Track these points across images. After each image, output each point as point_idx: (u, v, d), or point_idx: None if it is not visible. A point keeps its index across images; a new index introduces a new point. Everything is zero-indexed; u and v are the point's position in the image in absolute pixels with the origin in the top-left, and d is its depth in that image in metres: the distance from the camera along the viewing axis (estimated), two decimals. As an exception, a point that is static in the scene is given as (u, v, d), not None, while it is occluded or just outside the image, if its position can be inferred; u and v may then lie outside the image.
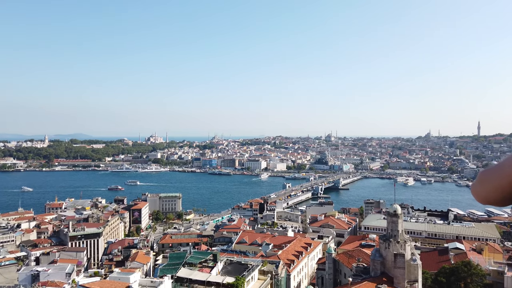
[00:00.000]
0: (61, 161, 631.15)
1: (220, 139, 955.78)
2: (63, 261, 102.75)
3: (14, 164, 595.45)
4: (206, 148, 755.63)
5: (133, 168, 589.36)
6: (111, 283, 57.14)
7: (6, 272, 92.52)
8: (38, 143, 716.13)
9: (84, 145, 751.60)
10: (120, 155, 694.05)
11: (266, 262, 79.47)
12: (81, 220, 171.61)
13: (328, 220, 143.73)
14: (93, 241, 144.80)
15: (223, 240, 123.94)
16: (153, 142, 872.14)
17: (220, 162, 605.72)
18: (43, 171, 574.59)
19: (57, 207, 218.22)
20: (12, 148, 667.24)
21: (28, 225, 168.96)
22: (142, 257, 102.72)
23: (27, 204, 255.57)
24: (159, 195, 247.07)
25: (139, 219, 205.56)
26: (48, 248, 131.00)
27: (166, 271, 72.15)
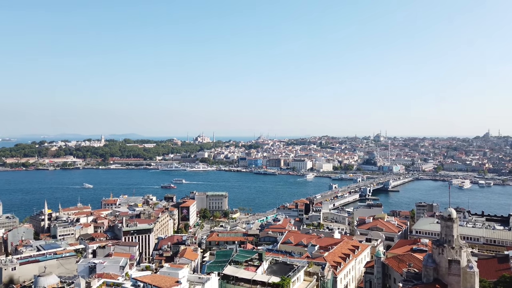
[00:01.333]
0: (115, 159, 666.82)
1: (265, 139, 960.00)
2: (117, 254, 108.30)
3: (74, 162, 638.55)
4: (251, 148, 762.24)
5: (182, 167, 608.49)
6: (161, 278, 59.30)
7: (66, 263, 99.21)
8: (95, 143, 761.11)
9: (136, 145, 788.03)
10: (170, 154, 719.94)
11: (312, 263, 78.55)
12: (134, 216, 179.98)
13: (377, 222, 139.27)
14: (144, 236, 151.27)
15: (268, 240, 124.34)
16: (200, 142, 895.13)
17: (266, 162, 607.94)
18: (99, 169, 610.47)
19: (112, 203, 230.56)
20: (72, 147, 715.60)
21: (86, 219, 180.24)
22: (190, 253, 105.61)
23: (85, 200, 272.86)
24: (206, 194, 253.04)
25: (187, 217, 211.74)
26: (103, 241, 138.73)
27: (213, 268, 73.62)
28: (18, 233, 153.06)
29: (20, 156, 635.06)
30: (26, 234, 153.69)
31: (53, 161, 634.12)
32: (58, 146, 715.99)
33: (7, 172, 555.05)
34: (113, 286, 57.97)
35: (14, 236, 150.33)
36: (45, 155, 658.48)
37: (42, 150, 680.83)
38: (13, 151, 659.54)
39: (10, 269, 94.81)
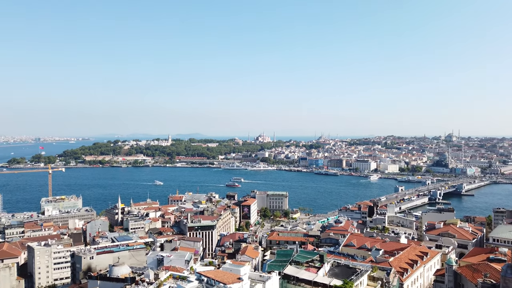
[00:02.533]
0: (181, 158, 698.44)
1: (326, 138, 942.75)
2: (182, 249, 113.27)
3: (144, 160, 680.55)
4: (312, 148, 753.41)
5: (243, 166, 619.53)
6: (224, 274, 60.82)
7: (137, 255, 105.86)
8: (163, 142, 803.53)
9: (200, 144, 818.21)
10: (231, 153, 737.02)
11: (376, 268, 75.53)
12: (198, 213, 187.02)
13: (448, 228, 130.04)
14: (208, 232, 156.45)
15: (329, 242, 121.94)
16: (261, 142, 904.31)
17: (327, 162, 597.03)
18: (167, 167, 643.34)
19: (178, 199, 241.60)
20: (143, 146, 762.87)
21: (154, 214, 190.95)
22: (251, 251, 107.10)
23: (154, 196, 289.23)
24: (266, 193, 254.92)
25: (248, 215, 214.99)
26: (170, 236, 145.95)
27: (274, 267, 73.88)
28: (96, 225, 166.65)
29: (97, 154, 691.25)
30: (102, 226, 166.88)
31: (125, 159, 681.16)
32: (130, 145, 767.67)
33: (86, 169, 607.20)
34: (179, 279, 60.58)
35: (92, 228, 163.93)
36: (119, 153, 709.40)
37: (116, 148, 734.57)
38: (92, 150, 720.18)
39: (88, 258, 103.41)
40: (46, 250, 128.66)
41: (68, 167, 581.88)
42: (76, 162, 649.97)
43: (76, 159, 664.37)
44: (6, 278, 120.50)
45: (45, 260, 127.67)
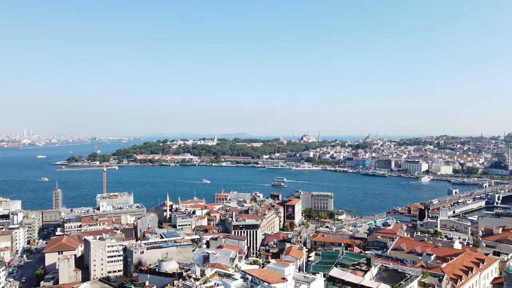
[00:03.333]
0: (226, 157, 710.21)
1: (374, 138, 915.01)
2: (227, 247, 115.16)
3: (191, 159, 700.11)
4: (359, 148, 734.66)
5: (287, 166, 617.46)
6: (268, 273, 60.98)
7: (184, 251, 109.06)
8: (209, 142, 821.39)
9: (245, 144, 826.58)
10: (276, 153, 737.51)
11: (427, 273, 72.05)
12: (242, 212, 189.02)
13: (508, 234, 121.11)
14: (252, 231, 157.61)
15: (377, 245, 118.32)
16: (305, 141, 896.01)
17: (374, 163, 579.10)
18: (212, 166, 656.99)
19: (223, 198, 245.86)
20: (189, 146, 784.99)
21: (201, 212, 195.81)
22: (295, 251, 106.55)
23: (200, 194, 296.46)
24: (311, 193, 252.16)
25: (292, 215, 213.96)
26: (216, 234, 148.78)
27: (319, 269, 72.87)
28: (146, 221, 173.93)
29: (147, 153, 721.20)
30: (151, 222, 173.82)
31: (173, 158, 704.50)
32: (178, 145, 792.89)
33: (137, 167, 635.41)
34: (224, 276, 61.55)
35: (143, 224, 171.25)
36: (167, 153, 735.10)
37: (165, 148, 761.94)
38: (142, 149, 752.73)
39: (139, 252, 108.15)
40: (100, 244, 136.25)
41: (121, 165, 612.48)
42: (128, 161, 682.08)
43: (128, 157, 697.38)
44: (65, 269, 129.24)
45: (99, 253, 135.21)
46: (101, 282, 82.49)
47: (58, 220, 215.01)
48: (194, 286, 55.75)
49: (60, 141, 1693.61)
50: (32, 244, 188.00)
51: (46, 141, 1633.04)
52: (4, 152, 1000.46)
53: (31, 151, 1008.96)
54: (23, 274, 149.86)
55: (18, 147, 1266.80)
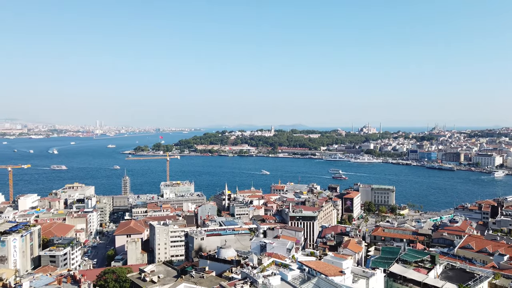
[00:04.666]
0: (283, 148, 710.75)
1: (441, 129, 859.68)
2: (284, 237, 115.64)
3: (248, 150, 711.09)
4: (424, 140, 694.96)
5: (346, 157, 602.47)
6: (326, 265, 60.36)
7: (242, 239, 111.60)
8: (266, 133, 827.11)
9: (302, 135, 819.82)
10: (334, 144, 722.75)
11: (499, 275, 66.71)
12: (299, 203, 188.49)
13: None
14: (309, 223, 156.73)
15: (442, 242, 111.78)
16: (366, 133, 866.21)
17: (441, 156, 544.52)
18: (269, 157, 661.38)
19: (280, 189, 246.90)
20: (247, 137, 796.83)
21: (258, 202, 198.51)
22: (354, 245, 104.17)
23: (257, 185, 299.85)
24: (371, 186, 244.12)
25: (351, 208, 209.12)
26: (272, 224, 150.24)
27: (378, 264, 70.69)
28: (206, 209, 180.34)
29: (207, 144, 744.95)
30: (211, 210, 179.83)
31: (232, 148, 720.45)
32: (236, 136, 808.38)
33: (198, 157, 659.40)
34: (281, 266, 61.97)
35: (203, 211, 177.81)
36: (226, 143, 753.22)
37: (224, 138, 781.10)
38: (202, 139, 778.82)
39: (199, 238, 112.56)
40: (164, 229, 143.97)
41: (183, 155, 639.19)
42: (189, 151, 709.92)
43: (189, 147, 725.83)
44: (133, 251, 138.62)
45: (163, 237, 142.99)
46: (165, 265, 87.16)
47: (126, 205, 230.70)
48: (252, 274, 56.80)
49: (128, 132, 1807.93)
50: (104, 227, 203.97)
51: (116, 132, 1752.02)
52: (80, 142, 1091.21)
53: (103, 141, 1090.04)
54: (96, 254, 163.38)
55: (91, 137, 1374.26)
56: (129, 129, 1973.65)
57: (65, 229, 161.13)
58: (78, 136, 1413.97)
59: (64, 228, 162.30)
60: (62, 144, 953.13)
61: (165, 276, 78.33)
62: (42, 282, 66.26)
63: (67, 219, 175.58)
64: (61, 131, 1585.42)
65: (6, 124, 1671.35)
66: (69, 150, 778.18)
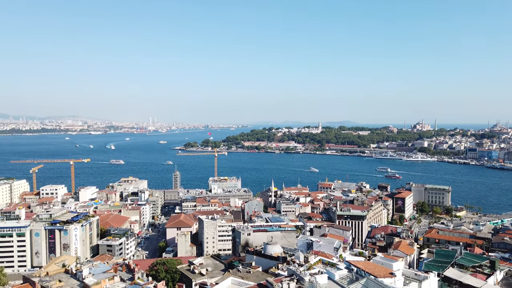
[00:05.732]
0: (331, 145, 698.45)
1: (503, 127, 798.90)
2: (331, 236, 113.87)
3: (295, 147, 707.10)
4: (484, 137, 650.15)
5: (397, 155, 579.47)
6: (375, 266, 58.59)
7: (288, 236, 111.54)
8: (313, 129, 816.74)
9: (351, 132, 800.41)
10: (385, 142, 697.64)
11: None
12: (347, 202, 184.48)
13: None
14: (357, 222, 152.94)
15: (503, 247, 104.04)
16: (419, 130, 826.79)
17: (503, 155, 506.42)
18: (316, 154, 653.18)
19: (327, 187, 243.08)
20: (294, 133, 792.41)
21: (304, 199, 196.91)
22: (405, 247, 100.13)
23: (304, 182, 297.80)
24: (424, 186, 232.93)
25: (402, 208, 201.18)
26: (319, 222, 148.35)
27: (432, 267, 67.46)
28: (252, 205, 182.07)
29: (254, 140, 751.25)
30: (257, 206, 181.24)
31: (278, 145, 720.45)
32: (283, 132, 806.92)
33: (244, 153, 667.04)
34: (328, 265, 61.07)
35: (249, 207, 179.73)
36: (272, 140, 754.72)
37: (270, 135, 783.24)
38: (249, 136, 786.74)
39: (246, 234, 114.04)
40: (212, 223, 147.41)
41: (230, 151, 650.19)
42: (236, 147, 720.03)
43: (236, 144, 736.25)
44: (182, 243, 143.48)
45: (211, 231, 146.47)
46: (213, 258, 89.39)
47: (176, 199, 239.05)
48: (298, 271, 56.53)
49: (179, 128, 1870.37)
50: (156, 219, 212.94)
51: (167, 128, 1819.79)
52: (134, 138, 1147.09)
53: (155, 137, 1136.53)
54: (149, 245, 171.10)
55: (144, 133, 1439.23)
56: (179, 125, 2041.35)
57: (121, 220, 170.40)
58: (133, 133, 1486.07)
59: (120, 219, 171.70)
60: (118, 139, 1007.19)
61: (213, 269, 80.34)
62: (100, 270, 70.53)
63: (123, 211, 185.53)
64: (117, 127, 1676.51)
65: (69, 121, 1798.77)
66: (124, 146, 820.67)
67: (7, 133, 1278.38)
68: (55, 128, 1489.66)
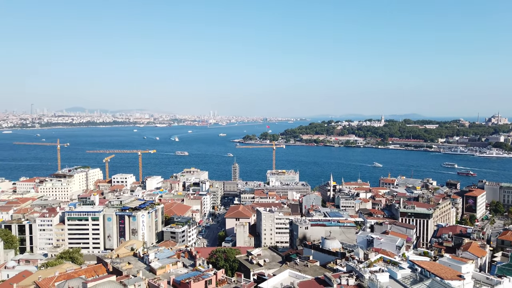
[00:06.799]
0: (394, 140, 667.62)
1: None
2: (393, 233, 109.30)
3: (356, 140, 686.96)
4: None
5: (469, 151, 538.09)
6: (441, 267, 55.16)
7: (347, 232, 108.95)
8: (375, 123, 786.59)
9: (417, 125, 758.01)
10: (454, 136, 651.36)
11: None
12: (411, 199, 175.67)
13: None
14: (422, 221, 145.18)
15: None
16: (494, 124, 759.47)
17: None
18: (378, 149, 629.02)
19: (389, 182, 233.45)
20: (354, 127, 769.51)
21: (365, 195, 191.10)
22: (476, 249, 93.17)
23: (364, 177, 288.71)
24: (500, 184, 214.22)
25: (473, 208, 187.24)
26: (381, 219, 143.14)
27: (507, 272, 62.17)
28: (310, 198, 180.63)
29: (312, 134, 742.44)
30: (315, 200, 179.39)
31: (338, 139, 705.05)
32: (343, 126, 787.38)
33: (302, 147, 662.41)
34: (390, 263, 58.78)
35: (307, 201, 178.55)
36: (332, 133, 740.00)
37: (330, 128, 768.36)
38: (308, 129, 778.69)
39: (304, 227, 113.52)
40: (270, 215, 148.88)
41: (288, 145, 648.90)
42: (295, 140, 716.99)
43: (294, 137, 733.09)
44: (241, 234, 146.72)
45: (269, 223, 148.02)
46: (270, 249, 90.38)
47: (235, 191, 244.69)
48: (358, 268, 55.12)
49: (238, 121, 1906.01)
50: (216, 209, 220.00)
51: (227, 121, 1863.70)
52: (196, 130, 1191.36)
53: (215, 130, 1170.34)
54: (209, 234, 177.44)
55: (206, 126, 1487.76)
56: (238, 118, 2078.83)
57: (183, 209, 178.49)
58: (195, 125, 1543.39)
59: (183, 208, 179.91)
60: (181, 132, 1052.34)
61: (270, 260, 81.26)
62: (165, 255, 74.57)
63: (185, 200, 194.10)
64: (181, 120, 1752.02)
65: (137, 114, 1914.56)
66: (187, 138, 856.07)
67: (83, 125, 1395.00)
68: (125, 121, 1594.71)
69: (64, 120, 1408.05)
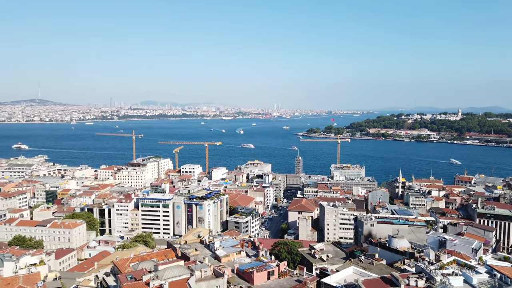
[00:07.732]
0: (472, 134, 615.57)
1: None
2: (469, 235, 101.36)
3: (428, 135, 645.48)
4: None
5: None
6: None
7: (417, 231, 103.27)
8: (451, 116, 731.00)
9: (499, 119, 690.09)
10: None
11: None
12: (491, 199, 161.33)
13: None
14: (503, 223, 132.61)
15: None
16: None
17: None
18: (453, 144, 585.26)
19: (466, 180, 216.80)
20: (427, 120, 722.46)
21: (437, 193, 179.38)
22: None
23: (437, 174, 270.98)
24: None
25: None
26: (455, 219, 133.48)
27: None
28: (377, 195, 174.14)
29: (380, 127, 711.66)
30: (382, 197, 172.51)
31: (408, 133, 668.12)
32: (414, 119, 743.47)
33: (369, 141, 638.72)
34: (465, 267, 54.70)
35: (373, 197, 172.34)
36: (402, 127, 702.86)
37: (399, 122, 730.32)
38: (375, 123, 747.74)
39: (369, 224, 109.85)
40: (334, 210, 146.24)
41: (353, 138, 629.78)
42: (361, 134, 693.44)
43: (360, 131, 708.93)
44: (304, 227, 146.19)
45: (332, 218, 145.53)
46: (333, 245, 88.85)
47: (298, 184, 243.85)
48: (428, 269, 52.04)
49: (302, 114, 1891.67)
50: (279, 202, 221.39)
51: (291, 114, 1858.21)
52: (260, 123, 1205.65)
53: (279, 123, 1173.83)
54: (271, 226, 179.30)
55: (269, 119, 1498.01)
56: (302, 111, 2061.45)
57: (247, 200, 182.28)
58: (259, 118, 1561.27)
59: (246, 199, 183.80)
60: (246, 124, 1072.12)
61: (333, 256, 79.97)
62: (229, 244, 76.87)
63: (249, 192, 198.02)
64: (245, 113, 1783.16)
65: (204, 107, 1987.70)
66: (251, 130, 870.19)
67: (155, 117, 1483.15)
68: (193, 114, 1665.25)
69: (139, 113, 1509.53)
